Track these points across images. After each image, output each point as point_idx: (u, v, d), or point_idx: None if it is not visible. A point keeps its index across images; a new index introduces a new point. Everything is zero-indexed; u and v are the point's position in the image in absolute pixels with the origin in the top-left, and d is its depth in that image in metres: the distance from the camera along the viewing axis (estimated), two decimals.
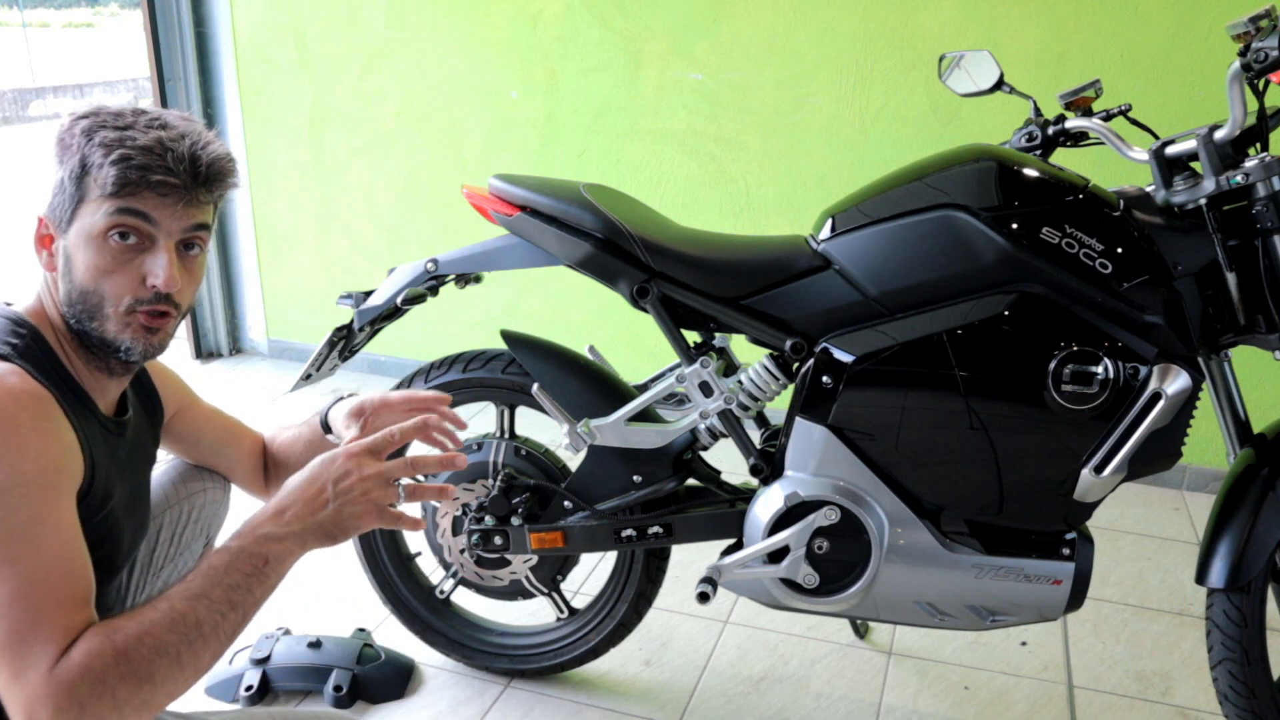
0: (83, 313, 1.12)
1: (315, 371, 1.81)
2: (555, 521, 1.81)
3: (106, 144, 1.07)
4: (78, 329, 1.13)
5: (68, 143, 1.09)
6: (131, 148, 1.07)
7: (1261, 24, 1.40)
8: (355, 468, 1.07)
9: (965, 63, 1.84)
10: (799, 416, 1.63)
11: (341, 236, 3.66)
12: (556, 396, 1.73)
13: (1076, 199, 1.51)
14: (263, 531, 1.04)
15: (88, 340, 1.14)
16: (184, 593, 0.99)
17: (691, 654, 2.14)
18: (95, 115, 1.11)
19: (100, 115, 1.11)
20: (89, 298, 1.11)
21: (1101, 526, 2.72)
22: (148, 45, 3.53)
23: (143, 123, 1.11)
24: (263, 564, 1.03)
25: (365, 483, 1.07)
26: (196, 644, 0.98)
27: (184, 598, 0.99)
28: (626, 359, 3.35)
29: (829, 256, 1.62)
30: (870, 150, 2.98)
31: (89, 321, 1.12)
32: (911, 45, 2.85)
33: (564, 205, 1.68)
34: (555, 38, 3.17)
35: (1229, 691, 1.60)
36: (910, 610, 1.67)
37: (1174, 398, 1.48)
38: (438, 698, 1.98)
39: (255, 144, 3.66)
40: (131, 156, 1.07)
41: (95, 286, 1.10)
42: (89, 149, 1.08)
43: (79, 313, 1.12)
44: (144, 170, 1.08)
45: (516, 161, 3.35)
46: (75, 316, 1.12)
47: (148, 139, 1.08)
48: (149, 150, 1.08)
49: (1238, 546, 1.54)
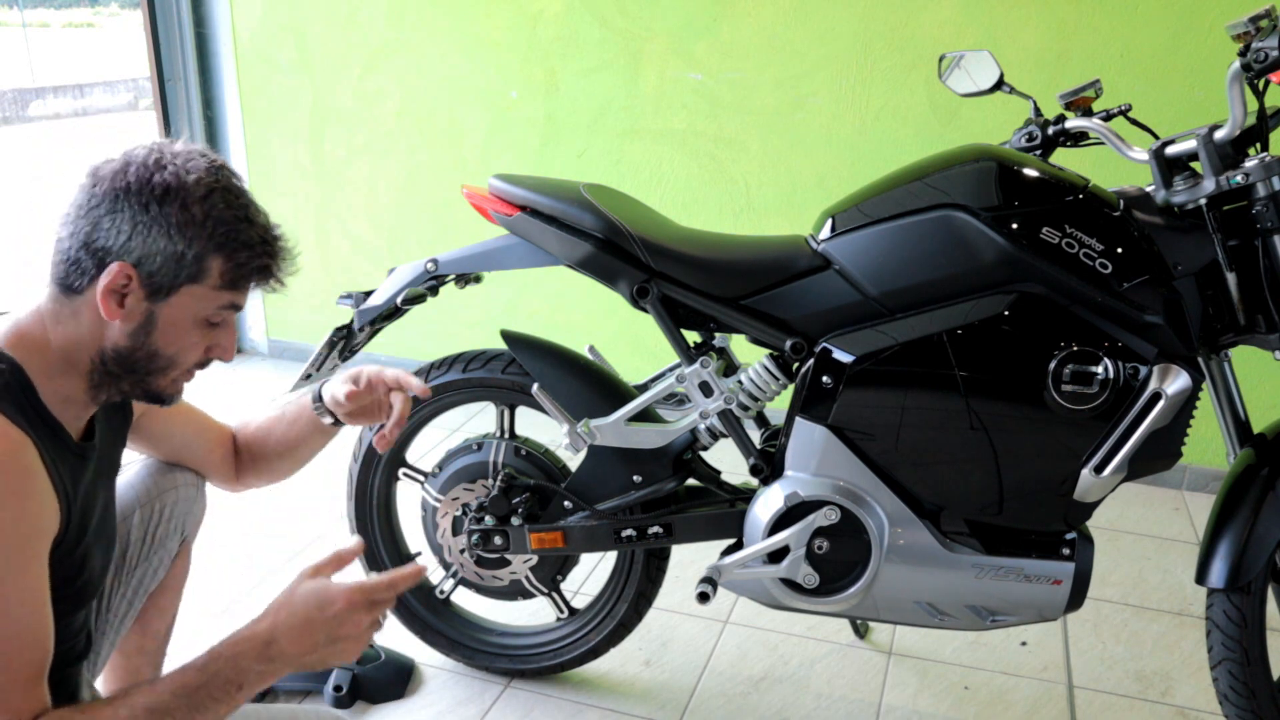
0: (142, 368, 1.13)
1: (315, 371, 1.81)
2: (555, 521, 1.81)
3: (236, 241, 1.10)
4: (116, 372, 1.13)
5: (194, 224, 1.08)
6: (253, 247, 1.12)
7: (1261, 24, 1.40)
8: (353, 618, 1.08)
9: (965, 63, 1.84)
10: (799, 416, 1.63)
11: (341, 236, 3.66)
12: (556, 396, 1.73)
13: (1076, 199, 1.51)
14: (244, 663, 1.05)
15: (117, 382, 1.14)
16: (149, 704, 0.99)
17: (691, 654, 2.14)
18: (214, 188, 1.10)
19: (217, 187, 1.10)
20: (157, 360, 1.13)
21: (1101, 526, 2.72)
22: (148, 45, 3.53)
23: (252, 207, 1.14)
24: (236, 690, 1.04)
25: (361, 632, 1.09)
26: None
27: (147, 710, 0.99)
28: (626, 359, 3.34)
29: (829, 256, 1.62)
30: (870, 150, 2.98)
31: (145, 376, 1.14)
32: (911, 45, 2.85)
33: (564, 205, 1.68)
34: (555, 38, 3.17)
35: (1229, 691, 1.60)
36: (910, 610, 1.67)
37: (1174, 398, 1.48)
38: (438, 698, 1.98)
39: (255, 144, 3.66)
40: (255, 260, 1.12)
41: (172, 354, 1.14)
42: (219, 236, 1.09)
43: (137, 367, 1.13)
44: (264, 273, 1.14)
45: (516, 161, 3.35)
46: (128, 367, 1.13)
47: (261, 233, 1.13)
48: (266, 251, 1.14)
49: (1238, 546, 1.54)
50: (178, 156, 1.10)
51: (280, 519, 2.63)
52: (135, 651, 1.61)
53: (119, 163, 1.09)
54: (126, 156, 1.10)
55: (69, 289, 1.10)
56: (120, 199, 1.07)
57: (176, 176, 1.08)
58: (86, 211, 1.08)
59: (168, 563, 1.54)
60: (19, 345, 1.10)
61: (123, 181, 1.07)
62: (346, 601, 1.08)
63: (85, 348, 1.12)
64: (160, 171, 1.08)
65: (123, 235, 1.07)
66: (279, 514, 2.65)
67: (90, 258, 1.08)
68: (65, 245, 1.09)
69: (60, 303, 1.11)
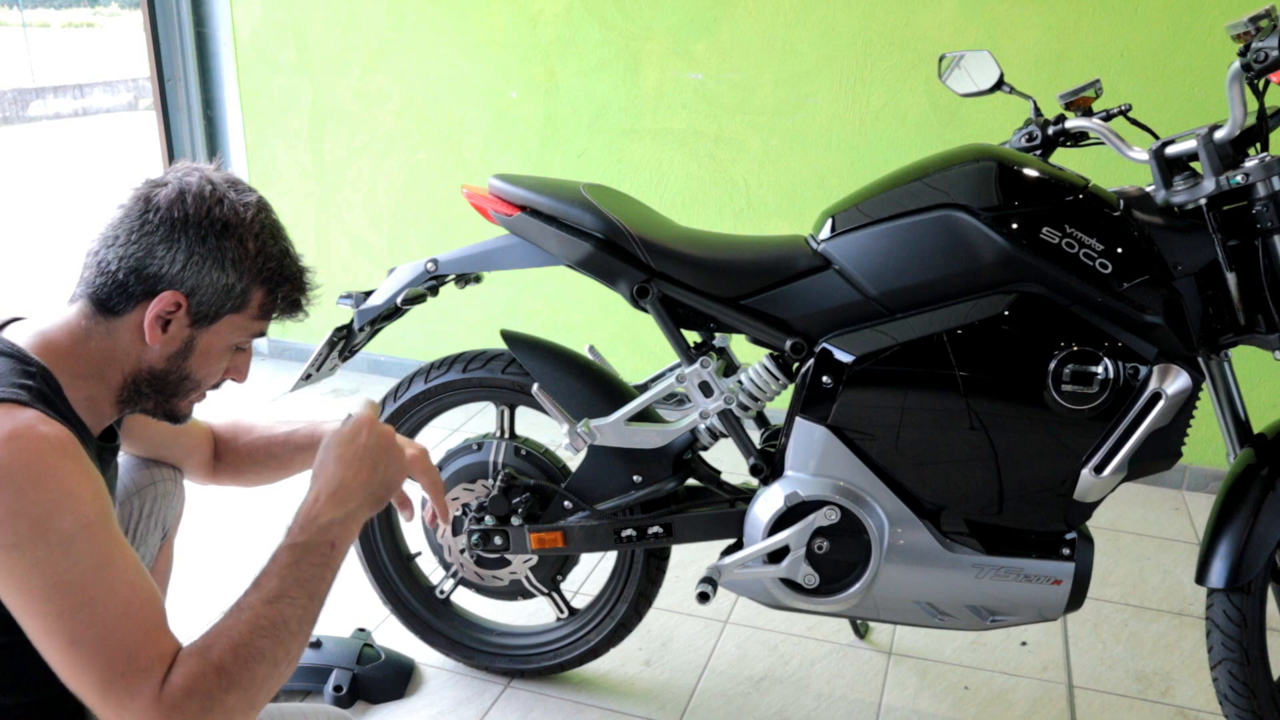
0: (171, 389, 1.18)
1: (315, 371, 1.81)
2: (555, 521, 1.81)
3: (280, 275, 1.17)
4: (146, 392, 1.17)
5: (249, 259, 1.13)
6: (293, 281, 1.19)
7: (1261, 24, 1.40)
8: (382, 430, 1.19)
9: (965, 63, 1.84)
10: (799, 416, 1.63)
11: (341, 236, 3.66)
12: (556, 396, 1.73)
13: (1076, 199, 1.51)
14: (325, 519, 1.12)
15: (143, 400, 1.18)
16: (263, 597, 1.04)
17: (691, 654, 2.14)
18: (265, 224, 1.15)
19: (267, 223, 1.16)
20: (187, 383, 1.18)
21: (1101, 526, 2.72)
22: (148, 45, 3.53)
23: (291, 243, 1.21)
24: (330, 549, 1.11)
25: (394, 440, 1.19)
26: (287, 641, 1.03)
27: (264, 602, 1.04)
28: (626, 359, 3.35)
29: (829, 256, 1.62)
30: (870, 150, 2.98)
31: (171, 396, 1.18)
32: (911, 45, 2.85)
33: (564, 205, 1.68)
34: (555, 38, 3.17)
35: (1229, 691, 1.60)
36: (910, 610, 1.67)
37: (1174, 397, 1.48)
38: (438, 698, 1.98)
39: (255, 144, 3.66)
40: (292, 293, 1.19)
41: (200, 377, 1.19)
42: (266, 270, 1.15)
43: (167, 388, 1.17)
44: (296, 306, 1.21)
45: (516, 161, 3.35)
46: (158, 388, 1.17)
47: (299, 267, 1.20)
48: (302, 286, 1.21)
49: (1238, 546, 1.54)
50: (231, 188, 1.14)
51: (280, 519, 2.63)
52: None
53: (173, 191, 1.11)
54: (181, 185, 1.12)
55: (108, 309, 1.12)
56: (177, 229, 1.09)
57: (235, 212, 1.12)
58: (139, 237, 1.09)
59: (150, 559, 1.54)
60: (47, 353, 1.11)
61: (180, 212, 1.10)
62: (369, 420, 1.19)
63: (118, 366, 1.14)
64: (218, 205, 1.11)
65: (177, 265, 1.10)
66: (279, 514, 2.65)
67: (140, 283, 1.10)
68: (111, 268, 1.10)
69: (94, 320, 1.12)
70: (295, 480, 1.70)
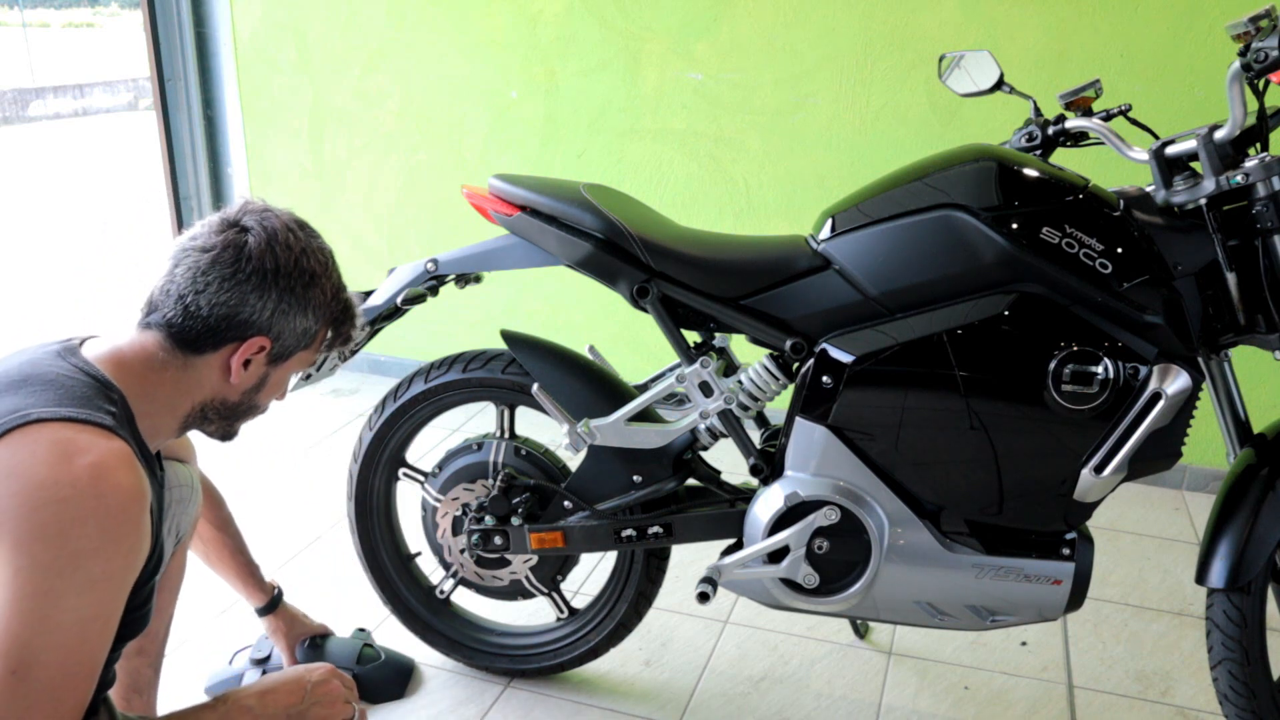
0: (238, 416, 1.26)
1: (315, 371, 1.81)
2: (555, 521, 1.81)
3: (344, 314, 1.27)
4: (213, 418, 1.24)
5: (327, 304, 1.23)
6: (351, 317, 1.29)
7: (1261, 24, 1.40)
8: (330, 684, 1.26)
9: (965, 63, 1.84)
10: (799, 416, 1.63)
11: (341, 236, 3.66)
12: (556, 396, 1.73)
13: (1076, 199, 1.51)
14: (246, 704, 1.19)
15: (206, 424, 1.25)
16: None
17: (691, 654, 2.14)
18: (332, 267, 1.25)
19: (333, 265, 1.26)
20: (254, 410, 1.27)
21: (1101, 526, 2.72)
22: (148, 45, 3.53)
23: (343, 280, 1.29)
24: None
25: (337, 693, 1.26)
26: None
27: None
28: (626, 359, 3.35)
29: (829, 256, 1.62)
30: (870, 150, 2.98)
31: (234, 421, 1.26)
32: (911, 45, 2.85)
33: (564, 205, 1.68)
34: (555, 38, 3.17)
35: (1229, 691, 1.60)
36: (910, 610, 1.67)
37: (1174, 397, 1.48)
38: (438, 698, 1.98)
39: (255, 144, 3.66)
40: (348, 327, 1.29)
41: (264, 404, 1.28)
42: (339, 318, 1.26)
43: (234, 415, 1.25)
44: (350, 339, 1.31)
45: (516, 161, 3.35)
46: (225, 415, 1.25)
47: (352, 303, 1.29)
48: (355, 321, 1.30)
49: (1238, 546, 1.54)
50: (304, 234, 1.21)
51: (280, 519, 2.63)
52: (135, 653, 1.61)
53: (262, 241, 1.15)
54: (267, 233, 1.16)
55: (192, 348, 1.16)
56: (269, 279, 1.16)
57: (318, 261, 1.21)
58: (232, 286, 1.14)
59: (164, 564, 1.54)
60: (124, 377, 1.15)
61: (273, 263, 1.16)
62: (329, 670, 1.28)
63: (190, 396, 1.19)
64: (304, 257, 1.19)
65: (267, 312, 1.17)
66: (279, 514, 2.65)
67: (232, 329, 1.16)
68: (203, 313, 1.14)
69: (172, 354, 1.16)
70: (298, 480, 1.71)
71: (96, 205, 7.63)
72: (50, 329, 4.50)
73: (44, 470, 0.99)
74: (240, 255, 1.14)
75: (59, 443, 1.01)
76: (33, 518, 0.97)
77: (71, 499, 0.98)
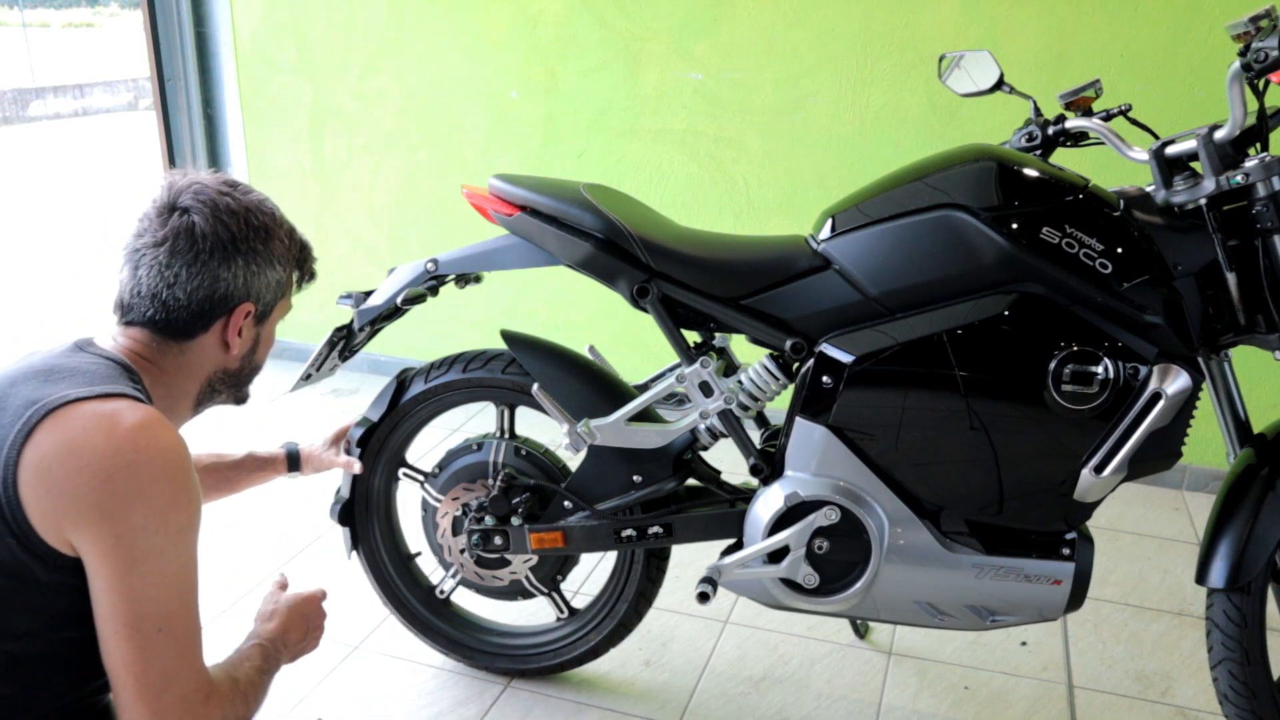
0: (243, 380, 1.31)
1: (315, 371, 1.81)
2: (555, 521, 1.81)
3: (304, 253, 1.31)
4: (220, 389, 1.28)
5: (287, 250, 1.27)
6: (309, 252, 1.33)
7: (1261, 24, 1.40)
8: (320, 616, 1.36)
9: (965, 63, 1.84)
10: (799, 416, 1.63)
11: (341, 236, 3.66)
12: (556, 396, 1.73)
13: (1076, 199, 1.51)
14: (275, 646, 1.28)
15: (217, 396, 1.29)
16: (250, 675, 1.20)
17: (691, 654, 2.14)
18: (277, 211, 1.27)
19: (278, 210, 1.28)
20: (257, 370, 1.32)
21: (1101, 526, 2.72)
22: (148, 45, 3.53)
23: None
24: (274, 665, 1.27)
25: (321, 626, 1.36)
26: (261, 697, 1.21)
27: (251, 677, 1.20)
28: (626, 359, 3.35)
29: (829, 256, 1.62)
30: (870, 150, 2.98)
31: (241, 384, 1.31)
32: (911, 45, 2.85)
33: (564, 205, 1.68)
34: (555, 38, 3.17)
35: (1229, 691, 1.60)
36: (910, 610, 1.67)
37: (1174, 397, 1.48)
38: (438, 698, 1.98)
39: (255, 144, 3.66)
40: (310, 262, 1.34)
41: (262, 361, 1.32)
42: (301, 258, 1.30)
43: (240, 380, 1.30)
44: (313, 273, 1.35)
45: (516, 161, 3.35)
46: (232, 382, 1.29)
47: (304, 238, 1.33)
48: (311, 254, 1.34)
49: (1238, 546, 1.54)
50: (238, 190, 1.22)
51: (280, 519, 2.63)
52: None
53: (206, 214, 1.17)
54: (209, 207, 1.17)
55: (184, 335, 1.20)
56: (229, 249, 1.18)
57: (266, 213, 1.23)
58: (199, 269, 1.16)
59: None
60: (134, 363, 1.18)
61: (226, 234, 1.17)
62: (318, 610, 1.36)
63: (194, 379, 1.24)
64: (251, 215, 1.21)
65: (240, 279, 1.20)
66: (279, 514, 2.65)
67: (216, 306, 1.19)
68: (182, 303, 1.17)
69: (166, 345, 1.20)
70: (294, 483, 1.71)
71: (96, 205, 7.63)
72: (50, 329, 4.50)
73: (101, 441, 1.02)
74: (194, 237, 1.16)
75: (100, 415, 1.04)
76: (109, 487, 1.01)
77: (138, 461, 1.03)
